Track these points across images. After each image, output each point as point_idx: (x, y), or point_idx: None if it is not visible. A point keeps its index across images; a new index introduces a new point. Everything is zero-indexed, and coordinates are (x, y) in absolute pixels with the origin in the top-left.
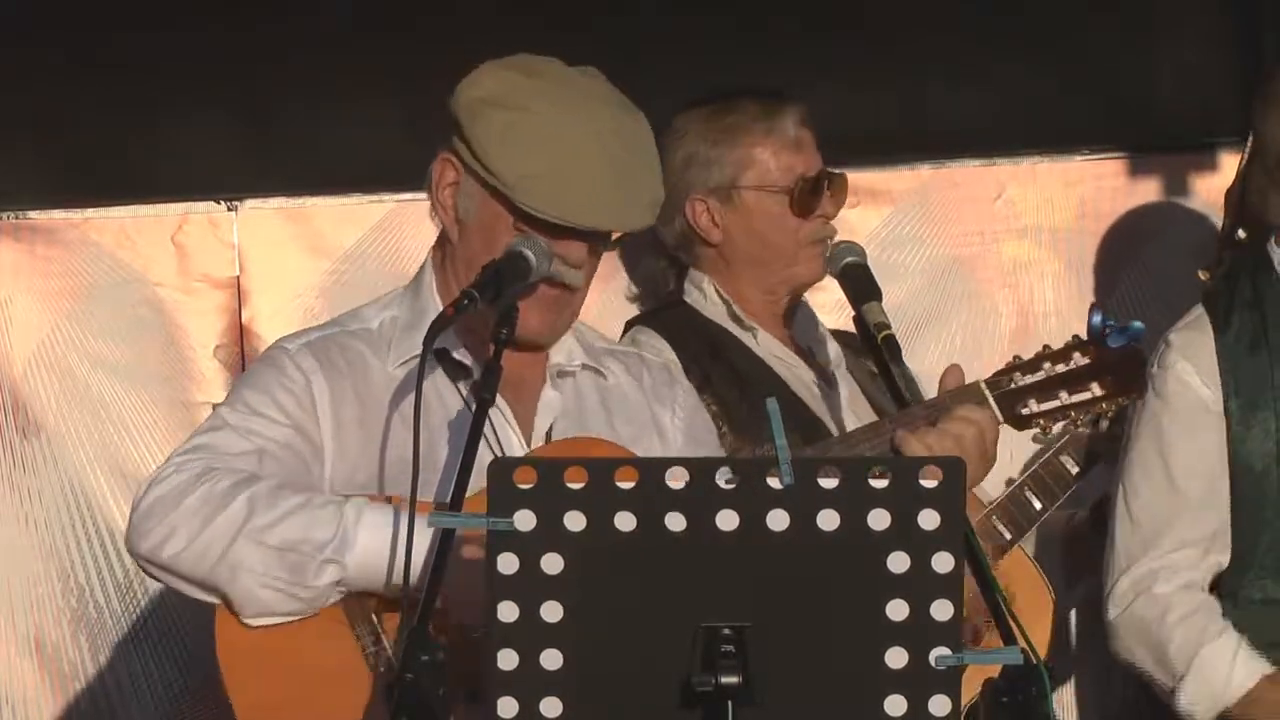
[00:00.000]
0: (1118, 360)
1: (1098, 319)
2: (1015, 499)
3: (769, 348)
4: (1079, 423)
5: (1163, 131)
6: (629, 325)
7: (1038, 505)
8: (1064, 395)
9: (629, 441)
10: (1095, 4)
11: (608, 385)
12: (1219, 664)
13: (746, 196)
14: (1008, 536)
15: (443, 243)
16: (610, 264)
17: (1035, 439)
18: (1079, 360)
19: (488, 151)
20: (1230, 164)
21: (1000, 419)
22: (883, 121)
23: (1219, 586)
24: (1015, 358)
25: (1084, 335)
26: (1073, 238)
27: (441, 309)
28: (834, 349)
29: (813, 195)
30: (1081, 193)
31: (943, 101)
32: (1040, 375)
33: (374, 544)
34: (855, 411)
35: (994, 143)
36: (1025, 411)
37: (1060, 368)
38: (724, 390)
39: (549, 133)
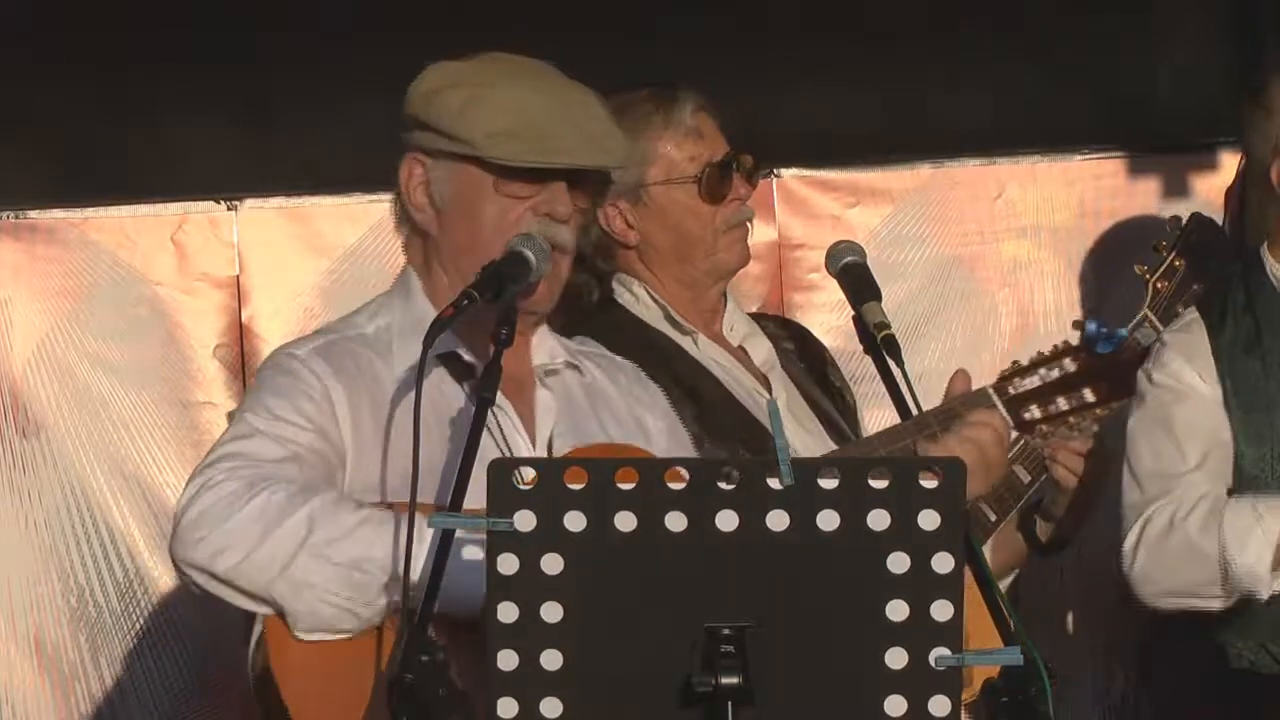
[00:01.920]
0: (1106, 366)
1: (1093, 327)
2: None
3: (708, 352)
4: (1077, 427)
5: (1163, 131)
6: (568, 335)
7: (992, 517)
8: (1061, 401)
9: (615, 442)
10: (1095, 4)
11: (590, 384)
12: (1243, 515)
13: (655, 193)
14: None
15: (419, 245)
16: None
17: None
18: (1069, 366)
19: (452, 124)
20: (1230, 163)
21: (1010, 424)
22: (883, 121)
23: None
24: (1014, 363)
25: (1074, 339)
26: (1073, 237)
27: (437, 310)
28: (765, 348)
29: (721, 181)
30: (1081, 192)
31: (943, 101)
32: (1037, 381)
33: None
34: (793, 413)
35: (994, 142)
36: (1029, 417)
37: (1054, 374)
38: (673, 405)
39: (509, 97)
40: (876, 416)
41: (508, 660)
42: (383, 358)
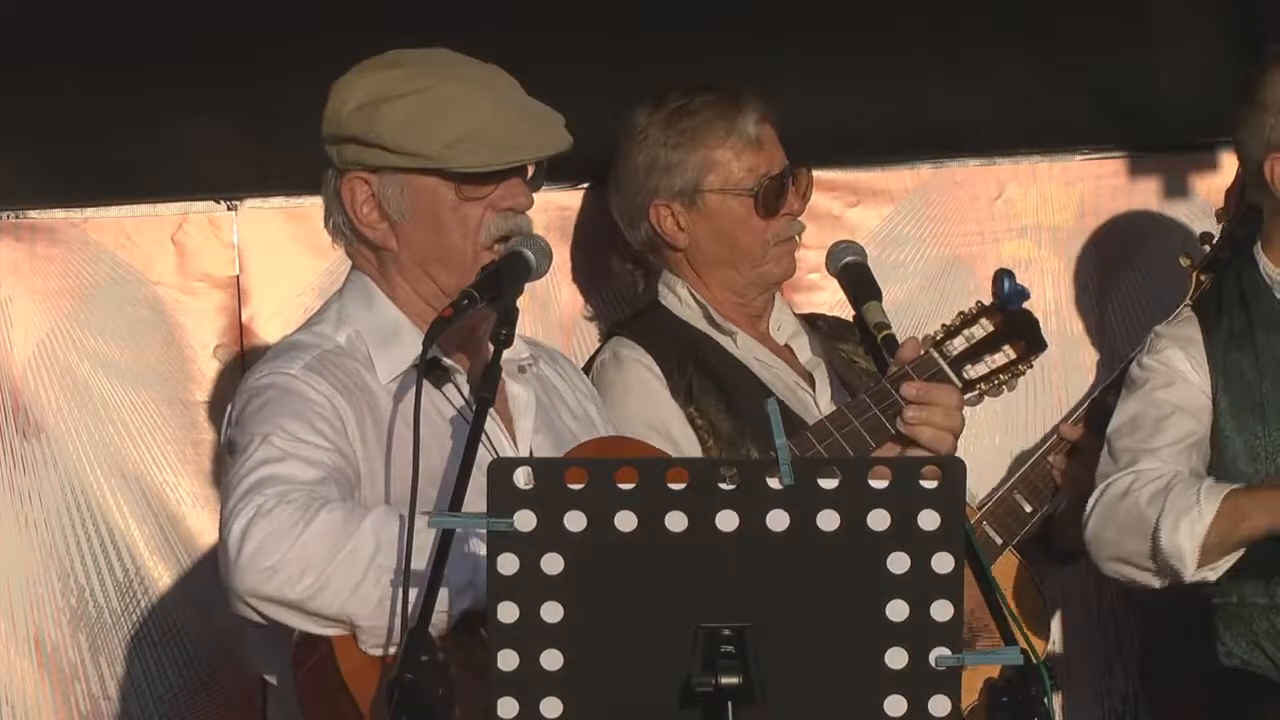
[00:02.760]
0: (1017, 323)
1: (1008, 285)
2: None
3: (749, 350)
4: (1005, 386)
5: (1163, 131)
6: (608, 333)
7: (999, 540)
8: (988, 359)
9: (579, 436)
10: (1095, 3)
11: (544, 377)
12: (1187, 495)
13: (710, 200)
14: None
15: (374, 255)
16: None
17: (1001, 499)
18: (987, 326)
19: (401, 139)
20: (1230, 163)
21: (958, 386)
22: (883, 121)
23: (1198, 589)
24: (943, 325)
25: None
26: (1073, 237)
27: (408, 316)
28: (811, 344)
29: (778, 196)
30: (1081, 192)
31: (943, 101)
32: (963, 342)
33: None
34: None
35: (994, 142)
36: (969, 376)
37: (977, 333)
38: (707, 403)
39: (447, 101)
40: None
41: (508, 660)
42: (366, 368)
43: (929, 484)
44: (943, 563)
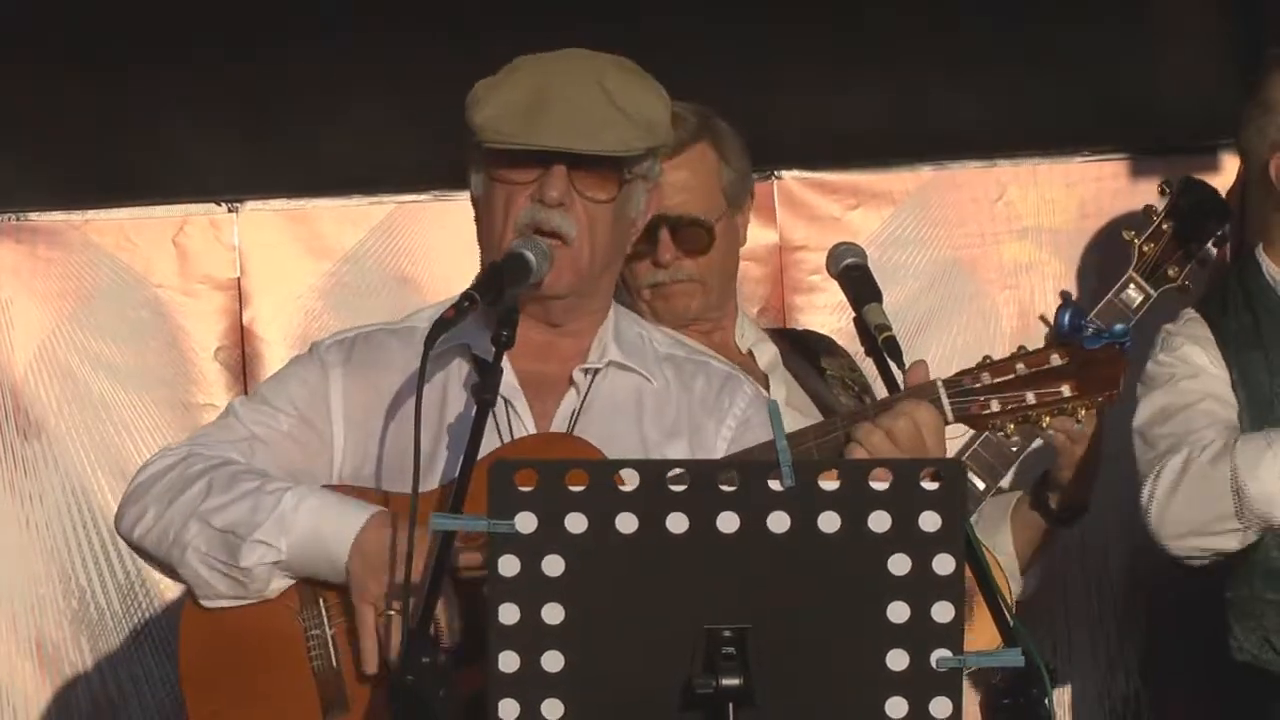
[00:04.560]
0: (1094, 359)
1: (1067, 318)
2: None
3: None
4: (1043, 424)
5: (1164, 132)
6: None
7: (980, 485)
8: (1029, 395)
9: (652, 445)
10: (1096, 5)
11: (649, 388)
12: (1256, 442)
13: None
14: None
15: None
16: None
17: (987, 440)
18: (1055, 360)
19: (469, 114)
20: (1231, 165)
21: (950, 418)
22: (884, 123)
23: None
24: (985, 358)
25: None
26: (1074, 239)
27: (440, 315)
28: (771, 351)
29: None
30: (1082, 194)
31: (943, 103)
32: (1010, 375)
33: (313, 528)
34: (795, 407)
35: (995, 144)
36: (983, 411)
37: (1033, 368)
38: None
39: (510, 81)
40: None
41: (509, 662)
42: (412, 348)
43: (930, 486)
44: (943, 564)
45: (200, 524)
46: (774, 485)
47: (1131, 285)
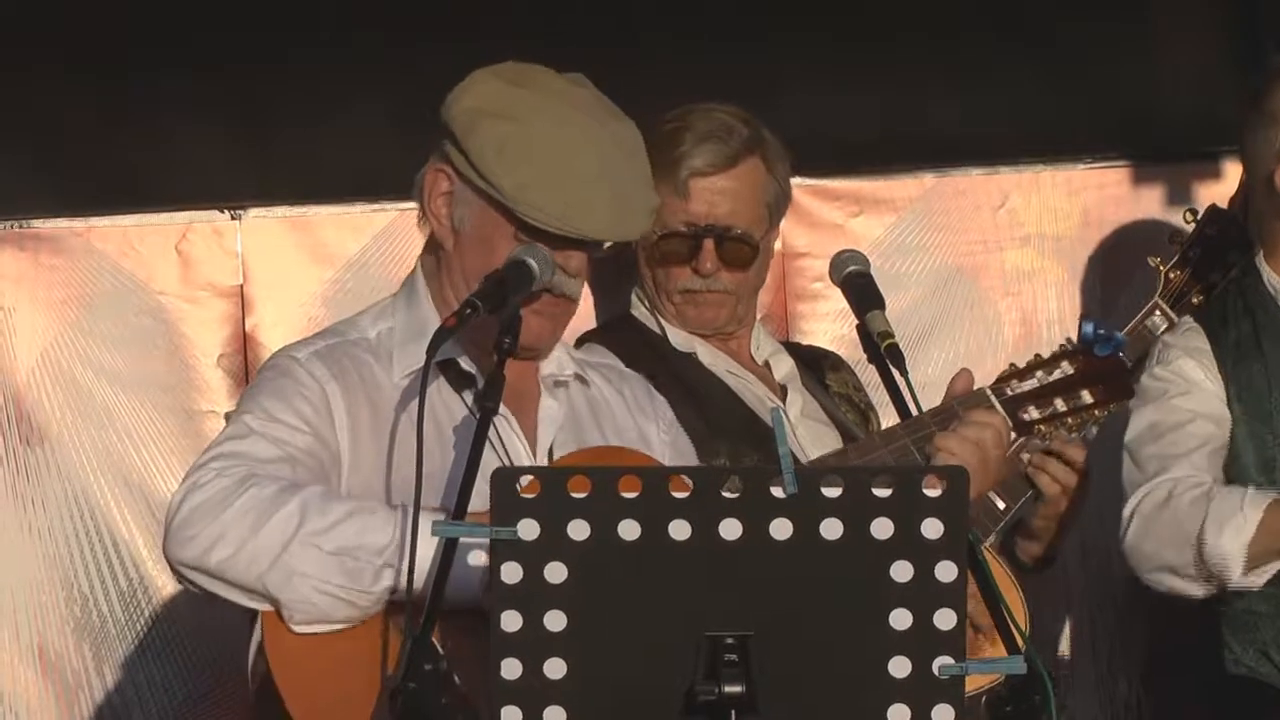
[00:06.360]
0: (1103, 368)
1: (1090, 329)
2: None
3: (717, 362)
4: (1074, 429)
5: (1166, 140)
6: (580, 341)
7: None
8: (1059, 402)
9: None
10: (1098, 12)
11: (593, 395)
12: (1230, 501)
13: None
14: None
15: (434, 250)
16: None
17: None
18: (1068, 369)
19: (486, 163)
20: (1234, 171)
21: (1010, 424)
22: (886, 130)
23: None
24: (1011, 365)
25: (1075, 344)
26: (1076, 246)
27: (441, 319)
28: (788, 363)
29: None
30: (1085, 201)
31: (946, 110)
32: (1034, 383)
33: (431, 551)
34: (809, 416)
35: (997, 151)
36: (1027, 418)
37: (1052, 376)
38: (677, 408)
39: (546, 145)
40: (882, 424)
41: (511, 669)
42: (382, 363)
43: (932, 493)
44: (946, 571)
45: (308, 548)
46: (776, 492)
47: (1157, 312)
